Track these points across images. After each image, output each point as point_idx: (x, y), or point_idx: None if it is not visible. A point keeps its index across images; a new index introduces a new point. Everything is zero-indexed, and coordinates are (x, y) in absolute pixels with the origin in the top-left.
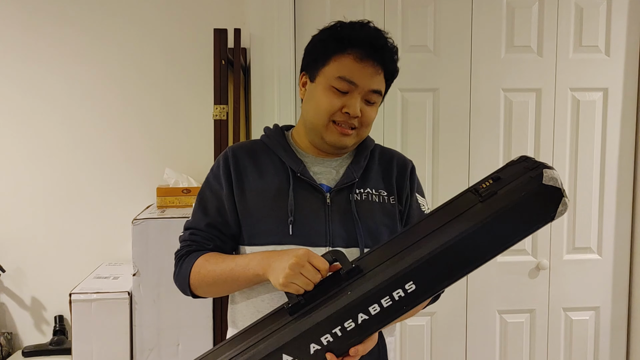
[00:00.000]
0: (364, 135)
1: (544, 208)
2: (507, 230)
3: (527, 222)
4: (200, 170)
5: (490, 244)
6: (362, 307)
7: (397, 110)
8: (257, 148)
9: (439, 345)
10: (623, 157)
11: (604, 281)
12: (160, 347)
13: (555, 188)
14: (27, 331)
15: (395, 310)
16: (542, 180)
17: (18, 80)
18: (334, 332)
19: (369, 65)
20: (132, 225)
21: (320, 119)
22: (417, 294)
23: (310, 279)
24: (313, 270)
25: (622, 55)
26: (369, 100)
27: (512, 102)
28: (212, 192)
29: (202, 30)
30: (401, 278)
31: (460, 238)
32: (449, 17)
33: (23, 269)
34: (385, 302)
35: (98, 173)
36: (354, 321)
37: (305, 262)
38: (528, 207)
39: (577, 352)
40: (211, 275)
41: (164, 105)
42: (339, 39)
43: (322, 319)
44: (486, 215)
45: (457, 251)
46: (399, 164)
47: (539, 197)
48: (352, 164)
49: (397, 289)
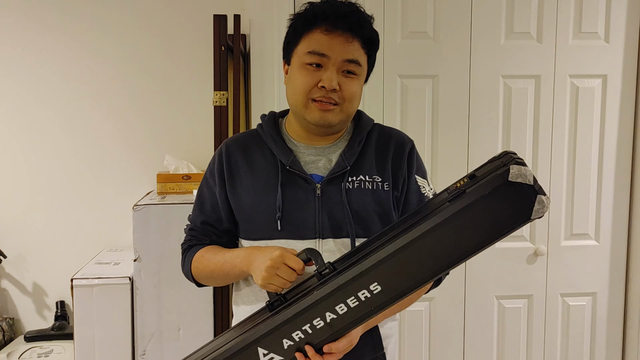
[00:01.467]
0: (349, 110)
1: (516, 207)
2: (475, 230)
3: (498, 222)
4: (200, 156)
5: (458, 244)
6: (329, 306)
7: (396, 96)
8: (250, 141)
9: (437, 331)
10: (621, 143)
11: (601, 267)
12: (162, 332)
13: (525, 185)
14: (29, 317)
15: (363, 310)
16: (509, 177)
17: (18, 69)
18: (304, 329)
19: (337, 35)
20: (133, 211)
21: (299, 99)
22: (383, 294)
23: (286, 279)
24: (288, 270)
25: (622, 42)
26: (347, 71)
27: (512, 89)
28: (208, 188)
29: (202, 16)
30: (364, 279)
31: (419, 238)
32: (449, 4)
33: (24, 255)
34: (351, 302)
35: (99, 160)
36: (322, 320)
37: (280, 264)
38: (496, 206)
39: (574, 337)
40: (207, 269)
41: (164, 92)
42: (306, 17)
43: (292, 315)
44: (449, 214)
45: (419, 252)
46: (397, 145)
47: (507, 196)
48: (346, 150)
49: (362, 290)
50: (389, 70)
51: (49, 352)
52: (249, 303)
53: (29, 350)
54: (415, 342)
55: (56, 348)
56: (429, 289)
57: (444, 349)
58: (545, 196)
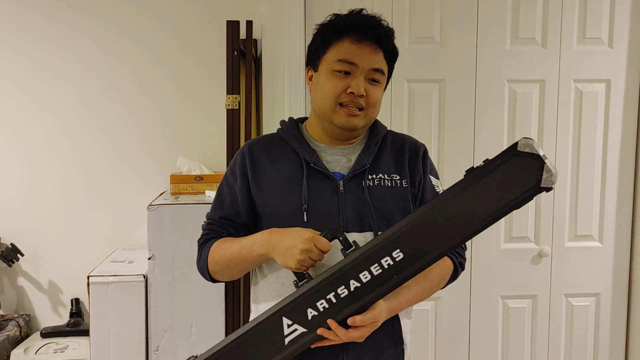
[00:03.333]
0: (372, 115)
1: (525, 175)
2: (490, 198)
3: (510, 190)
4: (212, 158)
5: (475, 212)
6: (353, 273)
7: (403, 100)
8: (272, 142)
9: (443, 330)
10: (625, 146)
11: (605, 268)
12: (175, 328)
13: (532, 154)
14: (45, 313)
15: (385, 278)
16: (517, 147)
17: (39, 72)
18: (329, 298)
19: (366, 45)
20: (148, 210)
21: (328, 103)
22: (405, 261)
23: (316, 260)
24: (319, 252)
25: (625, 47)
26: (372, 79)
27: (517, 93)
28: (228, 186)
29: (215, 21)
30: (387, 245)
31: (439, 206)
32: (455, 9)
33: (41, 254)
34: (374, 269)
35: (114, 160)
36: (346, 287)
37: (312, 246)
38: (507, 174)
39: (578, 337)
40: (224, 258)
41: (178, 95)
42: (335, 27)
43: (317, 283)
44: (464, 184)
45: (438, 219)
46: (411, 148)
47: (516, 164)
48: (364, 151)
49: (385, 257)
50: (397, 74)
51: (64, 347)
52: (270, 299)
53: (45, 346)
54: (421, 341)
55: (71, 344)
56: (447, 280)
57: (450, 348)
58: (553, 167)
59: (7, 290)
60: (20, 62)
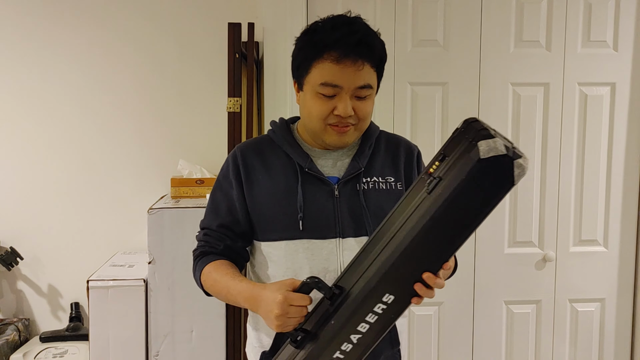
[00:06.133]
0: (364, 127)
1: (498, 178)
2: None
3: (485, 197)
4: (213, 161)
5: (454, 229)
6: (351, 330)
7: (406, 103)
8: (264, 145)
9: (446, 335)
10: (630, 150)
11: (610, 273)
12: (175, 333)
13: (499, 156)
14: (44, 317)
15: (384, 321)
16: (480, 155)
17: (40, 75)
18: (336, 357)
19: (348, 64)
20: (148, 214)
21: (316, 125)
22: (399, 300)
23: (298, 317)
24: (298, 309)
25: (630, 51)
26: (359, 96)
27: (520, 96)
28: (223, 192)
29: (217, 24)
30: (375, 295)
31: (412, 240)
32: (459, 12)
33: (40, 257)
34: (370, 319)
35: (114, 164)
36: (349, 343)
37: (288, 308)
38: (477, 185)
39: (582, 343)
40: (213, 289)
41: (179, 98)
42: (314, 44)
43: (319, 349)
44: (434, 208)
45: (417, 251)
46: (406, 150)
47: (485, 171)
48: (357, 154)
49: (377, 304)
50: (400, 77)
51: (63, 352)
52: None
53: (44, 350)
54: (424, 347)
55: (71, 349)
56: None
57: (453, 354)
58: (522, 158)
59: (7, 294)
60: (21, 66)
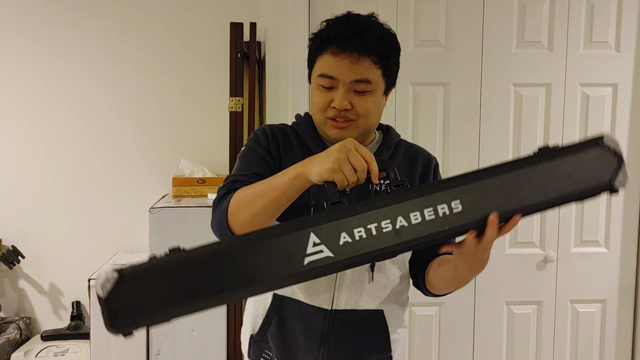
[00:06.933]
0: (366, 125)
1: (601, 170)
2: (559, 180)
3: (581, 179)
4: (215, 161)
5: (544, 188)
6: (404, 210)
7: (408, 103)
8: (288, 131)
9: (447, 335)
10: (631, 151)
11: (611, 274)
12: (176, 333)
13: (614, 151)
14: (46, 316)
15: (436, 228)
16: (603, 140)
17: (41, 74)
18: (369, 228)
19: (346, 56)
20: (150, 213)
21: (318, 117)
22: (462, 216)
23: (356, 166)
24: (359, 157)
25: (632, 51)
26: (357, 90)
27: (522, 97)
28: (255, 152)
29: (219, 23)
30: (449, 193)
31: (510, 171)
32: (461, 12)
33: (42, 256)
34: (428, 213)
35: (115, 163)
36: (391, 223)
37: (352, 147)
38: (583, 162)
39: (583, 343)
40: (249, 194)
41: (181, 97)
42: (319, 39)
43: (360, 207)
44: (536, 159)
45: (507, 184)
46: (424, 160)
47: (596, 155)
48: (376, 155)
49: (442, 204)
50: (401, 77)
51: (64, 351)
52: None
53: (46, 349)
54: (425, 347)
55: (72, 347)
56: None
57: (453, 354)
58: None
59: (8, 293)
60: (23, 64)
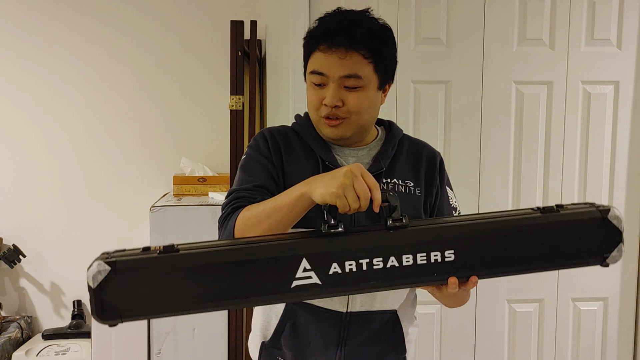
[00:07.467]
0: (360, 122)
1: (600, 243)
2: (558, 247)
3: (579, 249)
4: (216, 159)
5: (537, 250)
6: (397, 251)
7: (409, 101)
8: (289, 133)
9: (448, 334)
10: (633, 149)
11: (613, 272)
12: (177, 331)
13: (616, 229)
14: (47, 315)
15: (424, 272)
16: (608, 215)
17: (41, 74)
18: (360, 263)
19: (334, 52)
20: (150, 212)
21: (313, 116)
22: (453, 266)
23: (360, 194)
24: (364, 185)
25: (634, 49)
26: (347, 86)
27: (524, 95)
28: (257, 162)
29: (219, 22)
30: (444, 242)
31: (510, 227)
32: (462, 10)
33: (43, 255)
34: (420, 258)
35: (116, 161)
36: (383, 262)
37: (358, 173)
38: (585, 233)
39: (585, 341)
40: (255, 215)
41: (181, 96)
42: (310, 37)
43: (354, 238)
44: (541, 221)
45: (504, 240)
46: (429, 156)
47: (597, 228)
48: (380, 153)
49: (436, 251)
50: (402, 75)
51: (66, 350)
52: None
53: (47, 348)
54: (426, 345)
55: (73, 346)
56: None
57: (455, 352)
58: (624, 247)
59: (9, 292)
60: (22, 64)
